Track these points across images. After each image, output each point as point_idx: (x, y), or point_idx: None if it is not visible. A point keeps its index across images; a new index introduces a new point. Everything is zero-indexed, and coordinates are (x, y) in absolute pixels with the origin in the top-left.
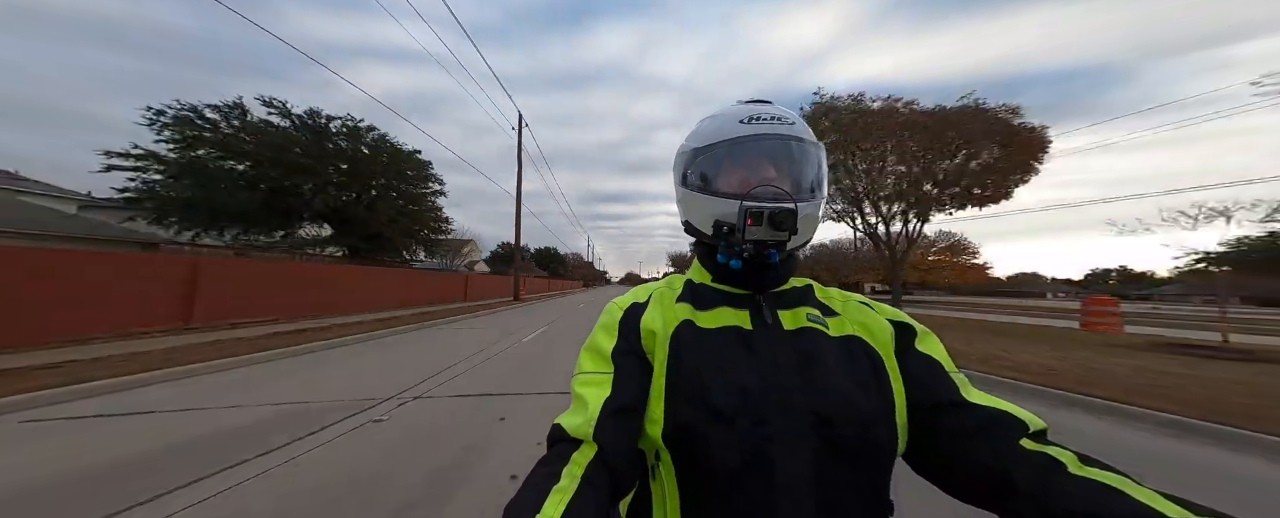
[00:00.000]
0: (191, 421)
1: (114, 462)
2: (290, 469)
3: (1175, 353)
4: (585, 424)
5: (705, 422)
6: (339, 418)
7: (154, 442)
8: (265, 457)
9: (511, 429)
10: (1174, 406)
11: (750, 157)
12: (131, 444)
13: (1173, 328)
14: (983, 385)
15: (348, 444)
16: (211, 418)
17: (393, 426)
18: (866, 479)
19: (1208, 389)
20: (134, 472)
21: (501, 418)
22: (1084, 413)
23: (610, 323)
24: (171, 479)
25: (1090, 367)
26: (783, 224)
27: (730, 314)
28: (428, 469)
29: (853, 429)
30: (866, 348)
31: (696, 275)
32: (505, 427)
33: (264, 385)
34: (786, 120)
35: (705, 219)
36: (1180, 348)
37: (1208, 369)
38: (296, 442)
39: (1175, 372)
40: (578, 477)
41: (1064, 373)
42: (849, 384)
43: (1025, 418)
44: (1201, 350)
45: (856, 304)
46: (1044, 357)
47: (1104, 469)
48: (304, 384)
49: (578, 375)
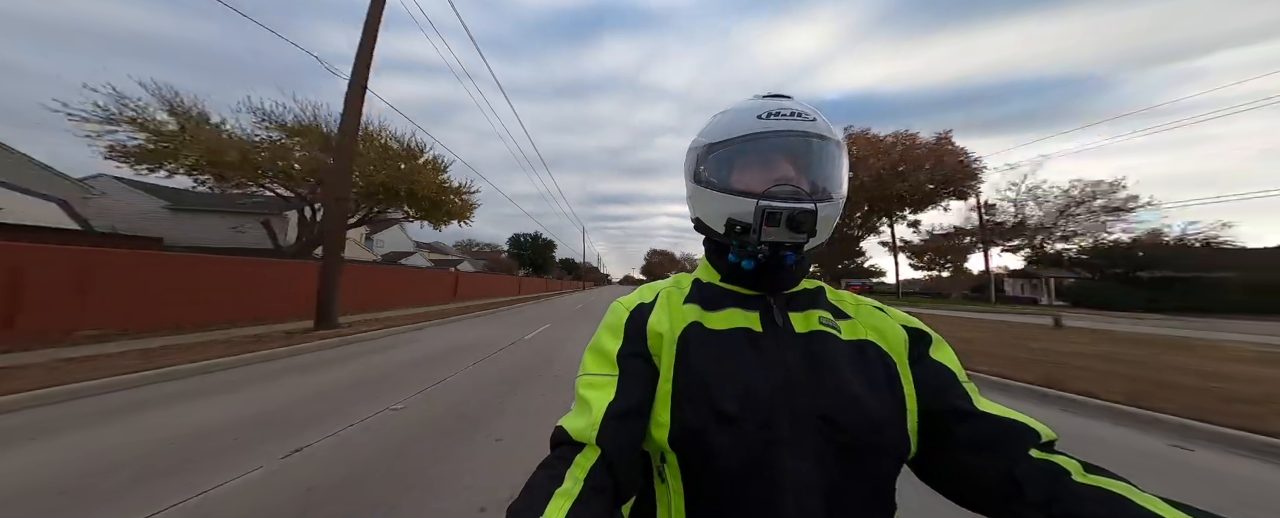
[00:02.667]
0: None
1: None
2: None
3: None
4: (588, 428)
5: (712, 425)
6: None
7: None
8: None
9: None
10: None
11: (768, 153)
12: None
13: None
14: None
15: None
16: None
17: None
18: (873, 484)
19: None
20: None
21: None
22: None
23: (616, 324)
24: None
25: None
26: (801, 226)
27: (740, 316)
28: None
29: (862, 434)
30: (880, 353)
31: (705, 275)
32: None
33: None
34: (807, 116)
35: (717, 217)
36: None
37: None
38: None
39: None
40: (581, 480)
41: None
42: (861, 389)
43: (1036, 428)
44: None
45: (869, 308)
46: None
47: (1108, 477)
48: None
49: (582, 377)
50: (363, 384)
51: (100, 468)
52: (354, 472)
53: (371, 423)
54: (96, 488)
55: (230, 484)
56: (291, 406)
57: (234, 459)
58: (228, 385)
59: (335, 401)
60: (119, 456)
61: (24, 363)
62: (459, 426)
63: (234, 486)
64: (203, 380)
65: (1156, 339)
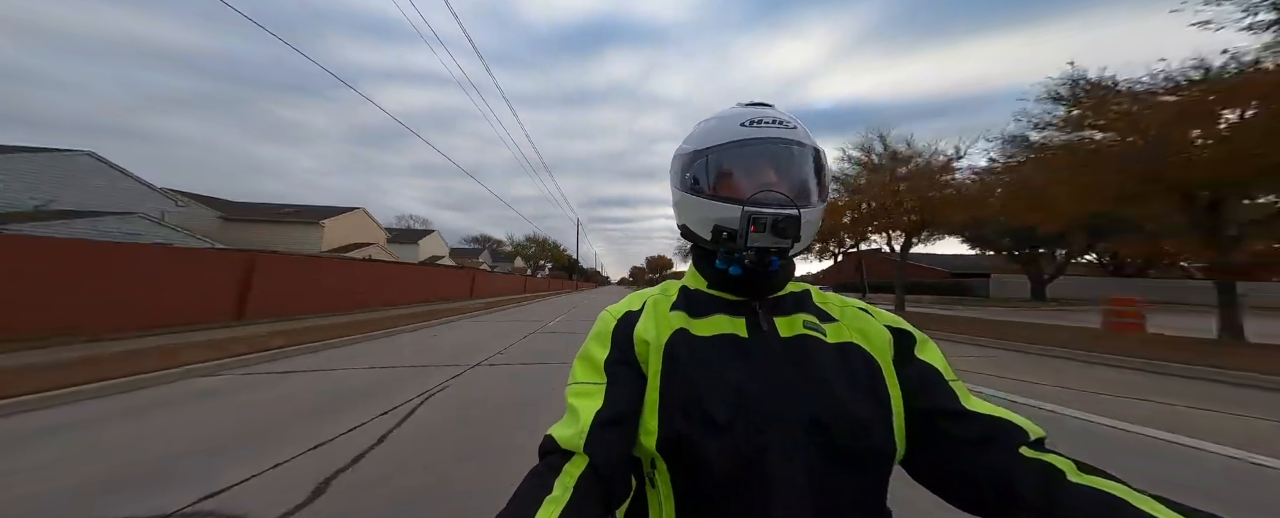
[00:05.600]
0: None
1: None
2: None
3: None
4: (577, 436)
5: (700, 431)
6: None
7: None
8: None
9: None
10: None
11: (752, 160)
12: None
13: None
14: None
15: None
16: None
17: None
18: (863, 486)
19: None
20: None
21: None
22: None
23: (603, 332)
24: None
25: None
26: (786, 231)
27: (726, 322)
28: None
29: (849, 437)
30: (863, 355)
31: (692, 282)
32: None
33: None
34: (788, 124)
35: (704, 224)
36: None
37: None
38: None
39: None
40: (570, 487)
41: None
42: (845, 391)
43: (1024, 425)
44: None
45: (855, 310)
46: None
47: (1103, 477)
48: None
49: (571, 386)
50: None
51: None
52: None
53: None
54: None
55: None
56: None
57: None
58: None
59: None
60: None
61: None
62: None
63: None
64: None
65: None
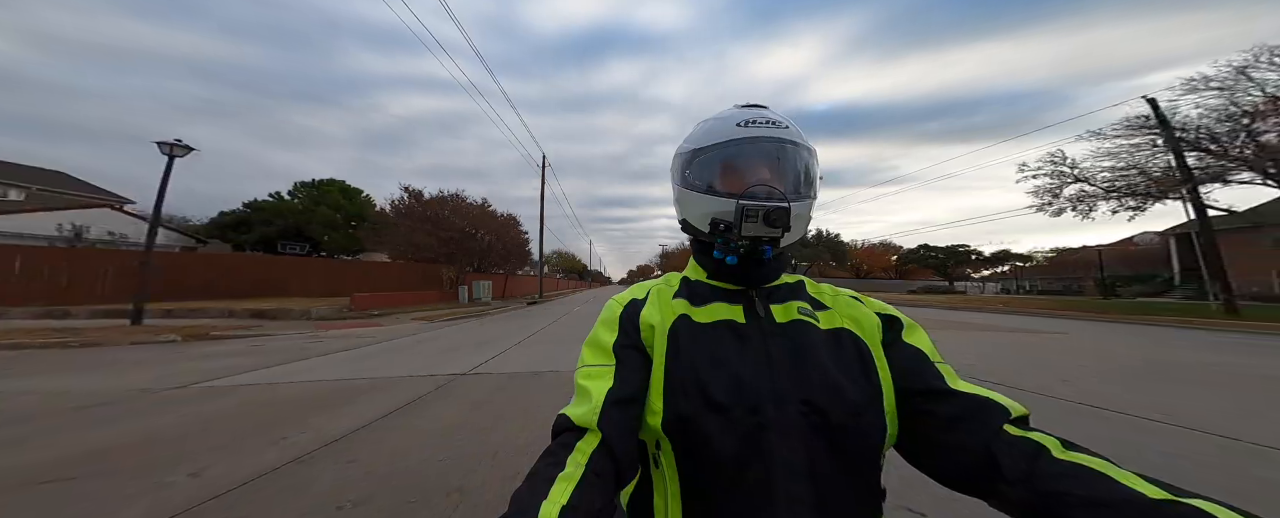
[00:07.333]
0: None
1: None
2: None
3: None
4: (589, 413)
5: (703, 412)
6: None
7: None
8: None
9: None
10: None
11: (746, 158)
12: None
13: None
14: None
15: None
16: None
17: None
18: (858, 465)
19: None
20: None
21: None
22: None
23: (611, 318)
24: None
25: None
26: (777, 222)
27: (724, 309)
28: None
29: (843, 417)
30: (854, 339)
31: (692, 273)
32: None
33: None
34: (781, 124)
35: (702, 217)
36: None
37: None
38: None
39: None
40: (583, 464)
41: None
42: (839, 375)
43: (1007, 404)
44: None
45: (847, 299)
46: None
47: (1086, 453)
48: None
49: (581, 369)
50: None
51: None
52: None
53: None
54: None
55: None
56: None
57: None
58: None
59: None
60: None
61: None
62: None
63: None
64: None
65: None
